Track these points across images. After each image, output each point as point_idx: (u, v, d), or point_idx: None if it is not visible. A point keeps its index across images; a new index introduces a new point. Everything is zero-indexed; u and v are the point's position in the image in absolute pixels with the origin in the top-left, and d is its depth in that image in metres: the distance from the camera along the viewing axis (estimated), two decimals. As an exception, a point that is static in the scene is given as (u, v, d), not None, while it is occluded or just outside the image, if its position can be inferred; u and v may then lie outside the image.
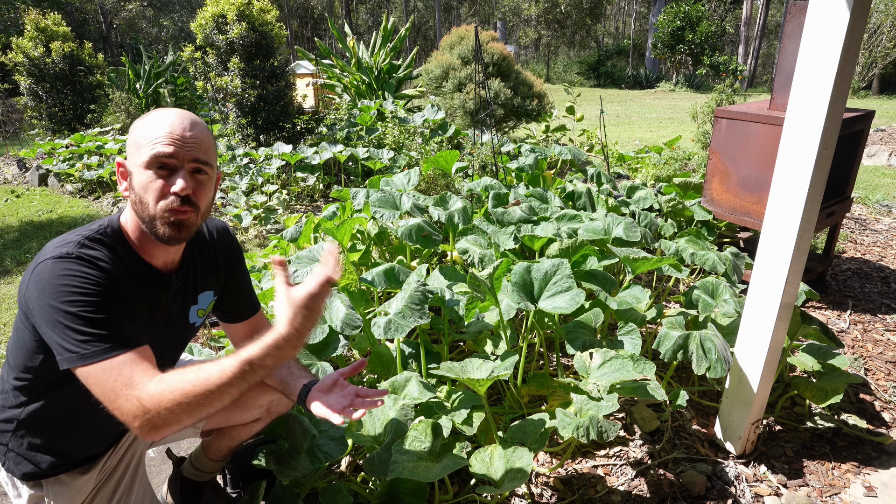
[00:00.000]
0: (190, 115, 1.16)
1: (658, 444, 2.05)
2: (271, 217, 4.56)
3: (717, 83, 7.34)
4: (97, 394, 1.03)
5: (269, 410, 1.52)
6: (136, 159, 1.13)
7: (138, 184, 1.13)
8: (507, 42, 25.70)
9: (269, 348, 1.03)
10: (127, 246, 1.18)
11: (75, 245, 1.10)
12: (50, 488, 1.24)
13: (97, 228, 1.16)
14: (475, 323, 2.29)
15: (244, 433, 1.57)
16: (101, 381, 1.02)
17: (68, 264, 1.06)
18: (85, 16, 22.97)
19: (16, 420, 1.20)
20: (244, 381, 1.03)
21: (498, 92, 6.53)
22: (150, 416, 0.98)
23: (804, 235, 1.69)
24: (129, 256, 1.17)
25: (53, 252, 1.08)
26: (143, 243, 1.20)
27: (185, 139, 1.12)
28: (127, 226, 1.20)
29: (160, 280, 1.23)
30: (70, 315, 1.03)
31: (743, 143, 3.05)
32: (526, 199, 3.15)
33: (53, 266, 1.06)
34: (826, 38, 1.51)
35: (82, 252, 1.09)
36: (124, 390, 1.00)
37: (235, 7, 5.76)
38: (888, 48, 13.24)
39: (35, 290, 1.06)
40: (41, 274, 1.06)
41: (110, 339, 1.04)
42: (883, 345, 2.75)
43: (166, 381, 1.01)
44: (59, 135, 8.04)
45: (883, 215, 4.71)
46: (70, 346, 1.03)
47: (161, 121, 1.13)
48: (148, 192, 1.12)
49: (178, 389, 0.99)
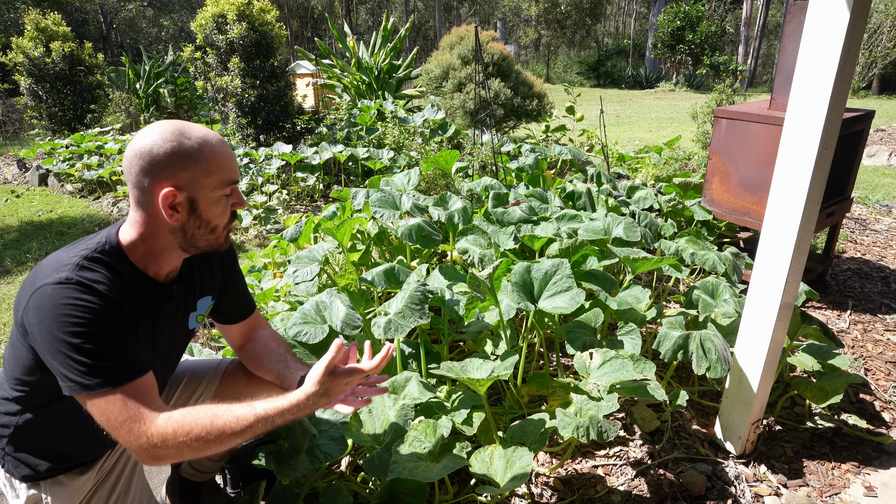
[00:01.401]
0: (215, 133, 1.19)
1: (658, 444, 2.05)
2: (271, 217, 4.56)
3: (717, 83, 7.34)
4: (101, 423, 1.05)
5: None
6: (207, 184, 1.13)
7: (211, 209, 1.15)
8: (507, 42, 25.71)
9: (285, 409, 1.11)
10: (127, 262, 1.16)
11: (74, 268, 1.07)
12: (48, 489, 1.24)
13: (95, 246, 1.13)
14: (475, 323, 2.29)
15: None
16: (107, 412, 1.04)
17: (68, 291, 1.04)
18: (85, 16, 22.98)
19: (13, 426, 1.20)
20: (253, 432, 1.09)
21: (498, 92, 6.53)
22: (156, 451, 1.03)
23: (804, 235, 1.69)
24: (130, 272, 1.16)
25: (52, 277, 1.05)
26: (145, 258, 1.18)
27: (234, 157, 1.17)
28: (128, 242, 1.17)
29: (162, 292, 1.23)
30: (73, 346, 1.02)
31: (743, 143, 3.05)
32: (526, 199, 3.15)
33: (54, 293, 1.03)
34: (826, 38, 1.51)
35: (81, 276, 1.06)
36: (130, 424, 1.03)
37: (235, 7, 5.76)
38: (888, 48, 13.24)
39: (35, 317, 1.05)
40: (41, 300, 1.04)
41: (114, 370, 1.05)
42: (883, 345, 2.75)
43: (176, 422, 1.05)
44: (59, 135, 8.05)
45: (883, 215, 4.71)
46: (74, 376, 1.03)
47: (218, 144, 1.14)
48: (222, 216, 1.17)
49: (189, 433, 1.04)
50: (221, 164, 1.13)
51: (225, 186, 1.16)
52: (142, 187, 1.11)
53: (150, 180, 1.10)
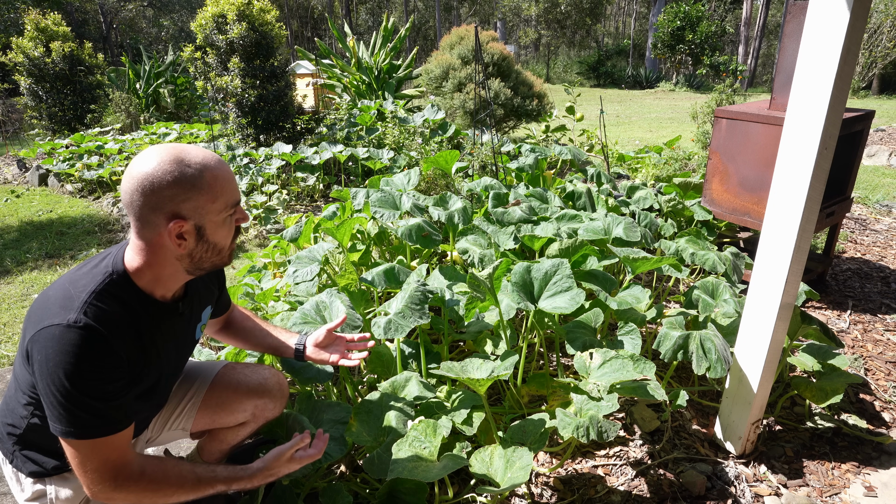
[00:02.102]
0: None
1: (658, 444, 2.05)
2: (271, 217, 4.56)
3: (717, 83, 7.34)
4: (69, 459, 1.13)
5: (254, 415, 1.55)
6: (212, 209, 1.14)
7: (217, 232, 1.17)
8: (507, 42, 25.70)
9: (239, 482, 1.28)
10: (136, 289, 1.16)
11: (83, 307, 1.07)
12: (53, 485, 1.27)
13: (102, 279, 1.12)
14: (475, 323, 2.29)
15: (231, 437, 1.59)
16: (76, 456, 1.11)
17: (74, 337, 1.04)
18: (85, 16, 22.98)
19: (23, 427, 1.23)
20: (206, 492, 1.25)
21: (498, 92, 6.53)
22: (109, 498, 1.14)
23: (804, 235, 1.69)
24: (140, 300, 1.17)
25: (60, 317, 1.05)
26: (151, 284, 1.19)
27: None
28: (134, 268, 1.16)
29: (171, 312, 1.25)
30: (64, 393, 1.05)
31: (743, 143, 3.05)
32: (526, 199, 3.15)
33: (61, 337, 1.04)
34: (826, 38, 1.51)
35: (90, 319, 1.06)
36: (94, 473, 1.12)
37: (235, 7, 5.76)
38: (888, 48, 13.24)
39: (39, 354, 1.06)
40: (47, 340, 1.05)
41: (95, 425, 1.09)
42: (883, 345, 2.75)
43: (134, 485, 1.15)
44: (59, 135, 8.05)
45: (883, 215, 4.71)
46: (54, 417, 1.08)
47: (218, 165, 1.15)
48: (227, 237, 1.20)
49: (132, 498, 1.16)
50: (224, 187, 1.14)
51: (229, 208, 1.17)
52: (146, 220, 1.10)
53: (155, 213, 1.09)
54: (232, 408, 1.50)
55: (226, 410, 1.51)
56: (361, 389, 2.27)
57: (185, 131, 7.10)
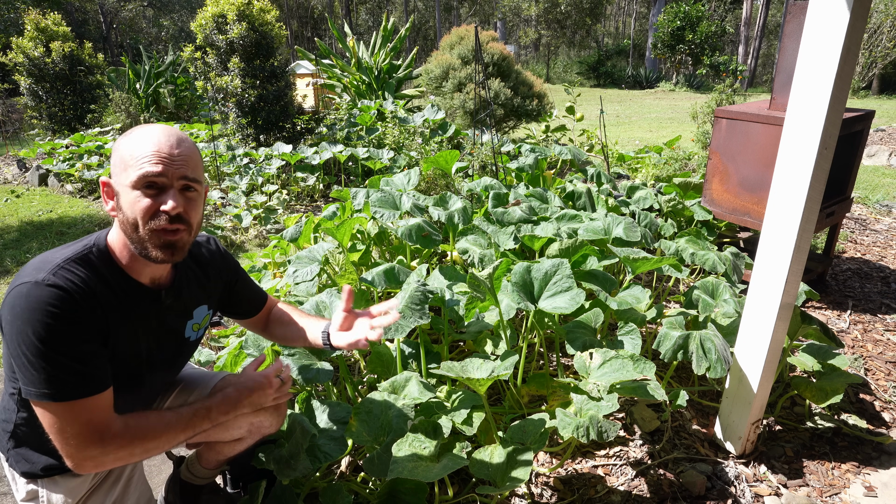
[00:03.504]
0: (176, 132, 1.14)
1: (658, 444, 2.05)
2: (271, 217, 4.56)
3: (717, 83, 7.34)
4: (47, 428, 1.07)
5: (250, 431, 1.49)
6: (124, 179, 1.10)
7: (126, 204, 1.10)
8: (507, 42, 25.72)
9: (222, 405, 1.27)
10: (114, 265, 1.16)
11: (54, 269, 1.06)
12: (45, 487, 1.26)
13: (82, 248, 1.13)
14: (475, 323, 2.29)
15: (228, 450, 1.55)
16: (56, 420, 1.05)
17: (42, 293, 1.03)
18: (85, 16, 22.99)
19: (12, 423, 1.22)
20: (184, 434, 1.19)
21: (498, 92, 6.53)
22: (91, 464, 1.08)
23: (804, 235, 1.69)
24: (116, 276, 1.15)
25: (31, 276, 1.05)
26: (131, 261, 1.17)
27: (174, 157, 1.11)
28: (114, 244, 1.17)
29: (150, 297, 1.22)
30: (35, 351, 1.02)
31: (743, 143, 3.05)
32: (526, 199, 3.15)
33: (29, 293, 1.03)
34: (826, 38, 1.51)
35: (58, 280, 1.05)
36: (75, 439, 1.06)
37: (235, 7, 5.76)
38: (888, 48, 13.24)
39: (8, 314, 1.04)
40: (15, 300, 1.04)
41: (70, 384, 1.05)
42: (883, 345, 2.75)
43: (121, 439, 1.10)
44: (59, 135, 8.05)
45: (883, 215, 4.71)
46: (28, 380, 1.04)
47: (147, 139, 1.11)
48: (137, 213, 1.09)
49: (122, 453, 1.10)
50: (137, 156, 1.09)
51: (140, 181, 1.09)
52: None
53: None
54: (227, 425, 1.41)
55: (221, 428, 1.42)
56: (361, 389, 2.27)
57: (184, 131, 7.09)
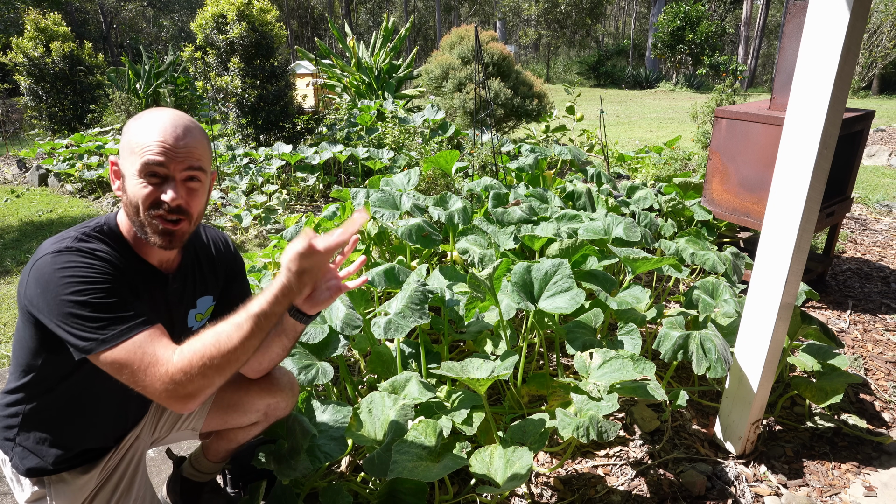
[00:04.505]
0: (183, 120, 1.14)
1: (658, 444, 2.05)
2: (271, 217, 4.56)
3: (717, 83, 7.34)
4: (122, 376, 1.03)
5: (266, 414, 1.53)
6: (129, 165, 1.13)
7: (130, 188, 1.13)
8: (507, 42, 25.70)
9: (275, 297, 1.09)
10: (123, 243, 1.19)
11: (73, 240, 1.10)
12: (52, 486, 1.25)
13: (93, 226, 1.17)
14: (475, 323, 2.29)
15: (242, 436, 1.58)
16: (126, 363, 1.03)
17: (68, 256, 1.06)
18: (85, 16, 22.99)
19: (21, 414, 1.21)
20: (261, 331, 1.08)
21: (498, 92, 6.53)
22: (182, 388, 1.01)
23: (804, 235, 1.69)
24: (126, 254, 1.18)
25: (51, 248, 1.08)
26: (139, 242, 1.21)
27: (178, 148, 1.11)
28: (122, 225, 1.20)
29: (157, 277, 1.24)
30: (81, 304, 1.03)
31: (743, 143, 3.05)
32: (526, 199, 3.15)
33: (54, 260, 1.06)
34: (826, 38, 1.51)
35: (80, 245, 1.09)
36: (151, 369, 1.02)
37: (235, 7, 5.76)
38: (888, 48, 13.24)
39: (38, 287, 1.06)
40: (42, 269, 1.06)
41: (126, 320, 1.05)
42: (883, 345, 2.75)
43: (190, 351, 1.03)
44: (59, 135, 8.04)
45: (883, 215, 4.71)
46: (87, 333, 1.03)
47: (153, 126, 1.11)
48: (139, 199, 1.12)
49: (205, 355, 1.02)
50: (142, 144, 1.10)
51: (143, 169, 1.10)
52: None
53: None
54: (245, 408, 1.49)
55: (238, 411, 1.49)
56: (361, 389, 2.27)
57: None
